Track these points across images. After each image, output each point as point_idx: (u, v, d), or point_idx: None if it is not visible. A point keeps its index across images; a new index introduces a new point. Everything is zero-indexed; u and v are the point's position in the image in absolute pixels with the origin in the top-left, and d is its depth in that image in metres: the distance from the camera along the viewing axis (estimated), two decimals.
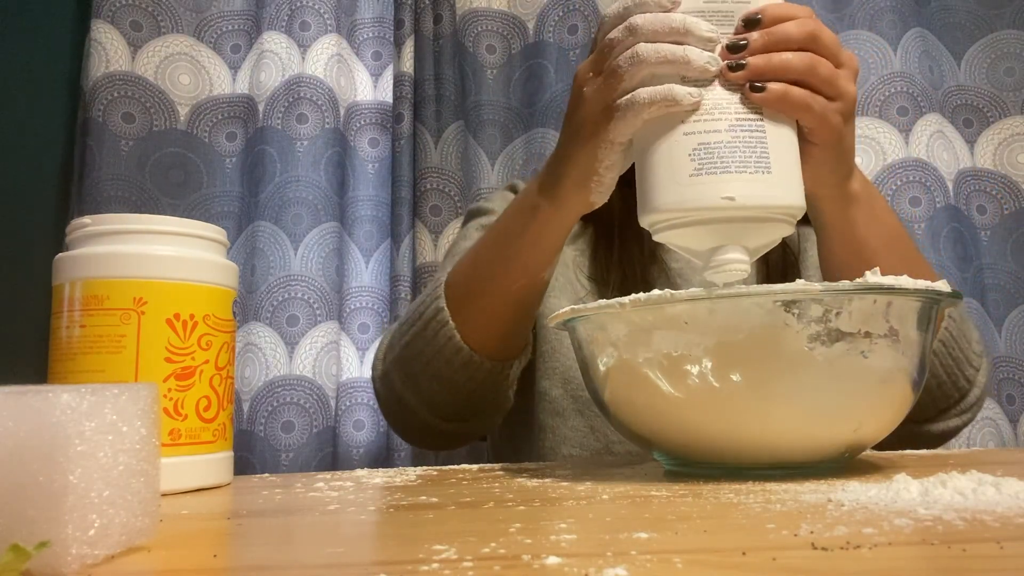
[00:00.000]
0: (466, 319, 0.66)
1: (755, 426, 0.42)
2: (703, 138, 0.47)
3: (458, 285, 0.67)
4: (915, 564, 0.23)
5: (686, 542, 0.27)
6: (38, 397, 0.25)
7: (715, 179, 0.47)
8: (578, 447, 0.76)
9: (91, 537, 0.25)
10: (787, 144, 0.49)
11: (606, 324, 0.45)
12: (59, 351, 0.46)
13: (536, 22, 1.26)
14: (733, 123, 0.48)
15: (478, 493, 0.41)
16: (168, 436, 0.46)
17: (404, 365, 0.70)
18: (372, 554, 0.28)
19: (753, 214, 0.47)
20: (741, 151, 0.47)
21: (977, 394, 0.71)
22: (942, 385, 0.68)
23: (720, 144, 0.47)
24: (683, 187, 0.47)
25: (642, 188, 0.50)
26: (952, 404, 0.70)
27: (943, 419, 0.70)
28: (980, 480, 0.34)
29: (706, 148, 0.47)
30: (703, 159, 0.47)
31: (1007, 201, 1.19)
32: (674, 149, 0.48)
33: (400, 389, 0.71)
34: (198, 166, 1.20)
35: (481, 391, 0.69)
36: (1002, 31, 1.24)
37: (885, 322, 0.41)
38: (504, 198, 0.88)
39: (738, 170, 0.46)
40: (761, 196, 0.47)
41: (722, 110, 0.48)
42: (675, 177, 0.48)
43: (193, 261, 0.48)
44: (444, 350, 0.66)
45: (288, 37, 1.23)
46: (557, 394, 0.77)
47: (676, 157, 0.48)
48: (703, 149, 0.47)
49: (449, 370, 0.67)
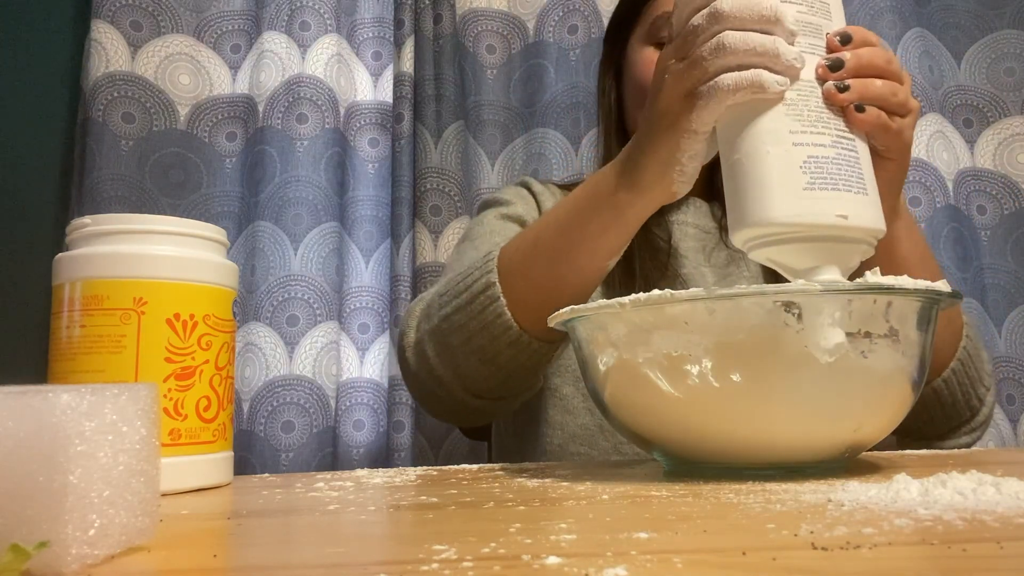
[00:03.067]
0: (519, 298, 0.63)
1: (755, 426, 0.42)
2: (813, 151, 0.46)
3: (513, 262, 0.65)
4: (915, 564, 0.23)
5: (686, 542, 0.27)
6: (38, 397, 0.25)
7: (828, 195, 0.45)
8: (587, 445, 0.76)
9: (91, 537, 0.25)
10: (869, 164, 0.48)
11: (606, 324, 0.45)
12: (59, 351, 0.46)
13: (536, 22, 1.26)
14: (835, 139, 0.46)
15: (478, 493, 0.41)
16: (168, 436, 0.46)
17: (442, 337, 0.68)
18: (372, 554, 0.28)
19: (858, 236, 0.46)
20: (845, 169, 0.46)
21: (987, 413, 0.72)
22: (956, 403, 0.69)
23: (828, 160, 0.45)
24: (799, 200, 0.45)
25: (745, 197, 0.47)
26: (964, 422, 0.71)
27: (954, 436, 0.71)
28: (980, 480, 0.34)
29: (816, 162, 0.45)
30: (815, 173, 0.45)
31: (1007, 201, 1.19)
32: (787, 159, 0.45)
33: (434, 361, 0.69)
34: (198, 166, 1.20)
35: (522, 371, 0.67)
36: (1002, 31, 1.24)
37: (885, 322, 0.41)
38: (518, 194, 0.88)
39: (845, 188, 0.45)
40: (866, 217, 0.46)
41: (824, 124, 0.47)
42: (789, 189, 0.45)
43: (193, 261, 0.48)
44: (491, 327, 0.64)
45: (288, 37, 1.23)
46: (568, 392, 0.77)
47: (789, 168, 0.45)
48: (814, 163, 0.45)
49: (493, 348, 0.65)
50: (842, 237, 0.46)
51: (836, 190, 0.45)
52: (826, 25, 0.50)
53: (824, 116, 0.47)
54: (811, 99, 0.47)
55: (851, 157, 0.47)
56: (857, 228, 0.45)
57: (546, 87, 1.23)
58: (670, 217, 0.85)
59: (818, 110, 0.47)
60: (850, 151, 0.47)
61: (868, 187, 0.47)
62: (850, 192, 0.45)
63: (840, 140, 0.47)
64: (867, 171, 0.47)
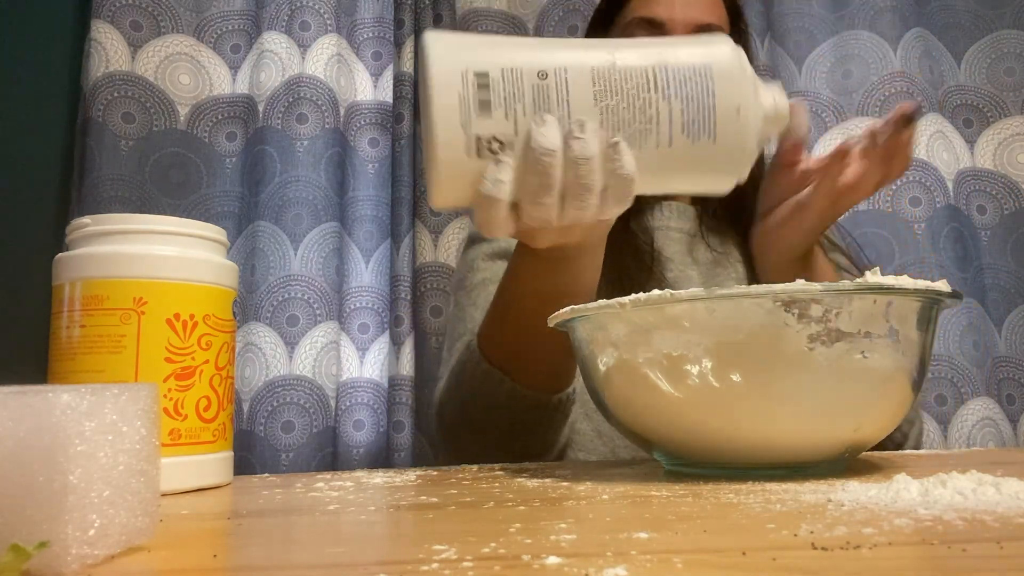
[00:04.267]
0: (516, 366, 0.66)
1: (755, 426, 0.42)
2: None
3: (492, 342, 0.67)
4: (915, 564, 0.23)
5: (686, 542, 0.27)
6: (38, 397, 0.25)
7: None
8: (584, 451, 0.76)
9: (91, 537, 0.25)
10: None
11: (606, 324, 0.45)
12: (59, 351, 0.46)
13: (536, 22, 1.26)
14: None
15: (478, 493, 0.41)
16: (168, 436, 0.46)
17: (468, 433, 0.71)
18: (372, 554, 0.28)
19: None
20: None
21: (912, 445, 0.78)
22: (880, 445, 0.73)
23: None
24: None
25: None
26: (891, 448, 0.76)
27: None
28: (980, 480, 0.34)
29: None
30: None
31: (1007, 201, 1.19)
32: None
33: (468, 444, 0.72)
34: (198, 166, 1.20)
35: (540, 430, 0.70)
36: (1002, 31, 1.24)
37: (885, 322, 0.41)
38: None
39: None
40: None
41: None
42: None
43: (193, 261, 0.48)
44: (502, 397, 0.67)
45: (288, 37, 1.22)
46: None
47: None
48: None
49: (510, 416, 0.67)
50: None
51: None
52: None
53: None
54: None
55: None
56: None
57: None
58: (653, 223, 0.86)
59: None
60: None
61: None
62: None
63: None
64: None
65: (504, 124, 0.47)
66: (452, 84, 0.46)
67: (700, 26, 0.80)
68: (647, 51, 0.50)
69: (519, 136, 0.47)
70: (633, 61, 0.49)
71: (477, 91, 0.46)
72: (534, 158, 0.47)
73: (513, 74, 0.47)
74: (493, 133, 0.47)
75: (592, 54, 0.49)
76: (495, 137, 0.47)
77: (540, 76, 0.47)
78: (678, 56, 0.50)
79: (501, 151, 0.47)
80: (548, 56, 0.49)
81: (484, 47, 0.49)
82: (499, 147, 0.47)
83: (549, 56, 0.49)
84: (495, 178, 0.47)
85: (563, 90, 0.48)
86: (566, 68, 0.48)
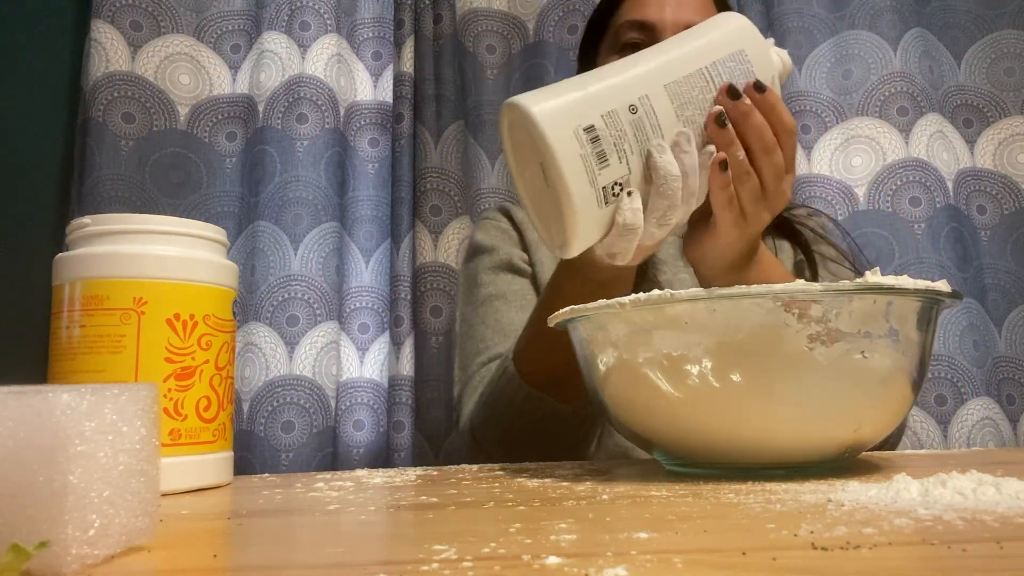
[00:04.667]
0: (549, 379, 0.68)
1: (755, 426, 0.42)
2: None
3: (528, 362, 0.69)
4: (915, 564, 0.23)
5: (686, 542, 0.27)
6: (38, 397, 0.25)
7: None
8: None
9: (91, 537, 0.25)
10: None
11: (606, 324, 0.45)
12: (59, 351, 0.46)
13: (536, 22, 1.26)
14: None
15: (478, 493, 0.41)
16: (168, 436, 0.46)
17: (509, 446, 0.73)
18: (372, 554, 0.28)
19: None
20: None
21: (897, 434, 0.78)
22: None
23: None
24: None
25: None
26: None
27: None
28: (980, 480, 0.34)
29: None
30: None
31: (1007, 201, 1.19)
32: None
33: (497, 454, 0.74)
34: (198, 166, 1.20)
35: (580, 440, 0.71)
36: (1002, 31, 1.23)
37: (885, 322, 0.41)
38: (499, 230, 0.90)
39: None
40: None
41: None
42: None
43: (193, 261, 0.48)
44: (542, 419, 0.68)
45: (288, 37, 1.22)
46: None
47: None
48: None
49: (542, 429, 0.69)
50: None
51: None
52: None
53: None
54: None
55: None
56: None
57: None
58: None
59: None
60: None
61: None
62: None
63: None
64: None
65: (620, 167, 0.50)
66: (571, 147, 0.49)
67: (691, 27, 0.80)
68: (689, 51, 0.54)
69: (632, 171, 0.51)
70: (688, 67, 0.53)
71: (591, 145, 0.49)
72: (662, 184, 0.51)
73: (612, 117, 0.50)
74: (615, 179, 0.50)
75: (654, 71, 0.52)
76: (616, 182, 0.50)
77: (631, 111, 0.51)
78: (716, 47, 0.54)
79: (623, 188, 0.50)
80: (626, 88, 0.51)
81: (576, 99, 0.51)
82: (619, 188, 0.50)
83: (626, 87, 0.51)
84: (633, 208, 0.50)
85: (652, 116, 0.51)
86: (647, 95, 0.51)
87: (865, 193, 1.19)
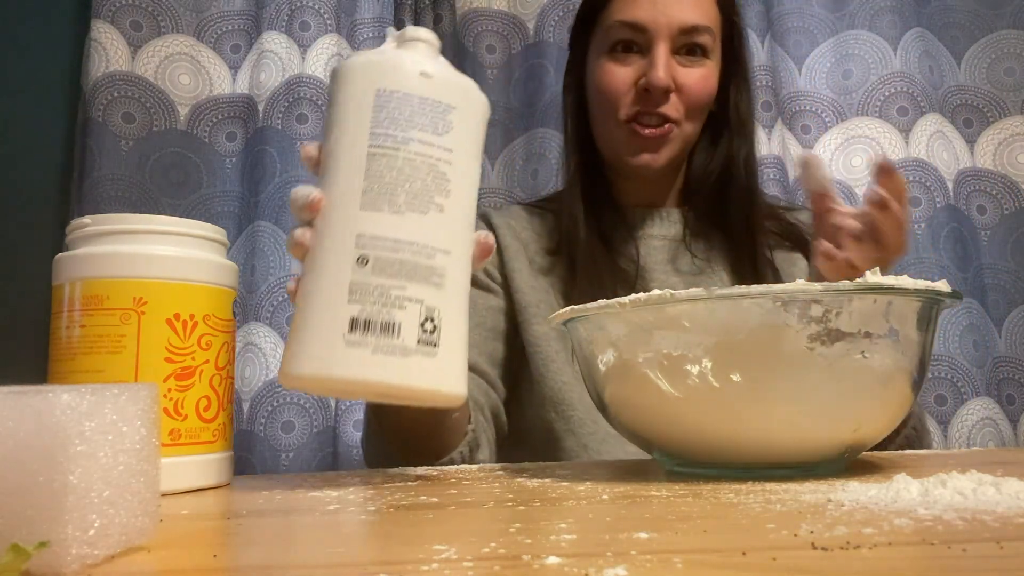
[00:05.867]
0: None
1: (755, 426, 0.42)
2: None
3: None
4: (915, 564, 0.23)
5: (686, 542, 0.27)
6: (38, 397, 0.25)
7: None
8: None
9: (91, 537, 0.25)
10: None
11: (606, 324, 0.45)
12: (59, 351, 0.46)
13: (536, 22, 1.26)
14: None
15: (478, 493, 0.41)
16: (168, 436, 0.46)
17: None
18: (372, 554, 0.28)
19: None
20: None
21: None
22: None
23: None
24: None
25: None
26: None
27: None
28: (980, 480, 0.34)
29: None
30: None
31: (1007, 201, 1.19)
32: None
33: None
34: (198, 166, 1.20)
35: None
36: (1002, 31, 1.23)
37: (885, 322, 0.41)
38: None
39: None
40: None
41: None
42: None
43: (193, 261, 0.48)
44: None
45: (288, 37, 1.22)
46: (550, 418, 0.78)
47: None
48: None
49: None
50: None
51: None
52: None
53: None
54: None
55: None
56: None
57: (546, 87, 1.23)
58: (636, 232, 0.86)
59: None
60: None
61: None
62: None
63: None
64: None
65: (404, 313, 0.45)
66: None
67: (686, 28, 0.78)
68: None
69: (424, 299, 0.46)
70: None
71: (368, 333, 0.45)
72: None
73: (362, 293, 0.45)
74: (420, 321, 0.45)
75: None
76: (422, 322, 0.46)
77: (362, 262, 0.44)
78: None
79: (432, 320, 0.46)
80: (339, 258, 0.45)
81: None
82: (430, 323, 0.45)
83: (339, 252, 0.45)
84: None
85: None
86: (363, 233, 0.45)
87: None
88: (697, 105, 0.81)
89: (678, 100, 0.79)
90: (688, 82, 0.79)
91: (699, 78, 0.80)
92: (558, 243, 0.85)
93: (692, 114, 0.81)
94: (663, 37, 0.78)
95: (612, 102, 0.80)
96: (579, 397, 0.77)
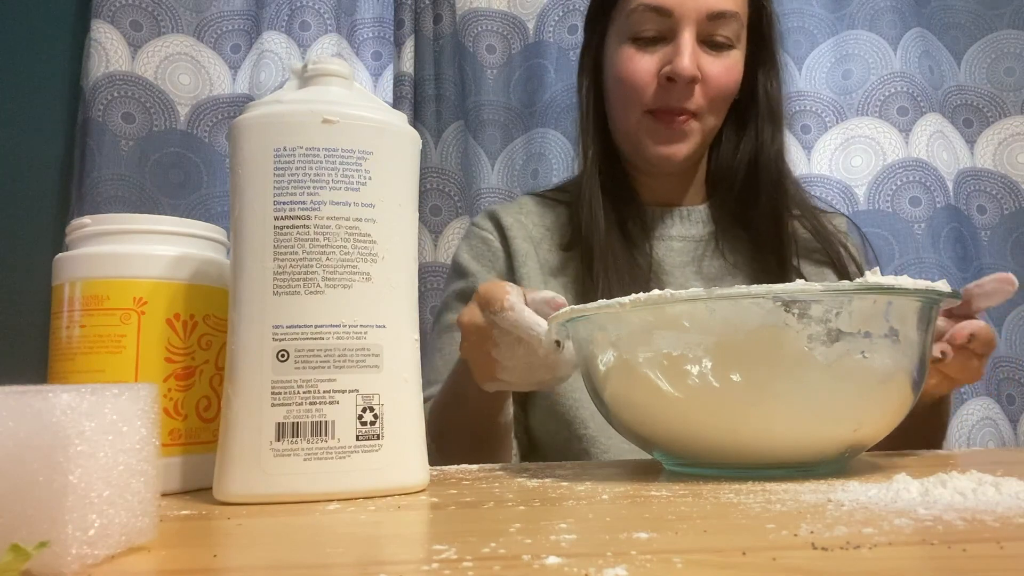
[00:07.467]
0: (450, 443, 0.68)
1: (755, 426, 0.42)
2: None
3: (435, 424, 0.69)
4: (915, 564, 0.23)
5: (686, 542, 0.27)
6: (38, 397, 0.25)
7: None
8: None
9: (91, 537, 0.25)
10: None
11: (606, 324, 0.45)
12: (59, 351, 0.46)
13: (536, 22, 1.26)
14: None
15: (478, 493, 0.41)
16: (168, 436, 0.46)
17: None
18: (372, 554, 0.28)
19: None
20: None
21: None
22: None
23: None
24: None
25: None
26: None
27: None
28: (980, 480, 0.34)
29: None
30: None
31: (1007, 201, 1.19)
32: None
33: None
34: (198, 166, 1.20)
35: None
36: (1002, 31, 1.24)
37: (885, 322, 0.41)
38: (482, 244, 0.85)
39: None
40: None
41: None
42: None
43: (193, 261, 0.48)
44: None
45: (288, 37, 1.23)
46: (564, 436, 0.76)
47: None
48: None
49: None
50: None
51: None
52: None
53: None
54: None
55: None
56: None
57: (546, 87, 1.23)
58: (652, 233, 0.82)
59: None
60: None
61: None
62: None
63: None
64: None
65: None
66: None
67: (713, 14, 0.74)
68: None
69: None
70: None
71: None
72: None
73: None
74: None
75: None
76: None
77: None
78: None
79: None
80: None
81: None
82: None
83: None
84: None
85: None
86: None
87: (865, 193, 1.19)
88: (720, 96, 0.77)
89: (701, 91, 0.75)
90: (713, 72, 0.75)
91: (724, 69, 0.76)
92: (572, 237, 0.81)
93: (715, 106, 0.77)
94: (689, 22, 0.74)
95: (634, 92, 0.76)
96: (591, 414, 0.74)
